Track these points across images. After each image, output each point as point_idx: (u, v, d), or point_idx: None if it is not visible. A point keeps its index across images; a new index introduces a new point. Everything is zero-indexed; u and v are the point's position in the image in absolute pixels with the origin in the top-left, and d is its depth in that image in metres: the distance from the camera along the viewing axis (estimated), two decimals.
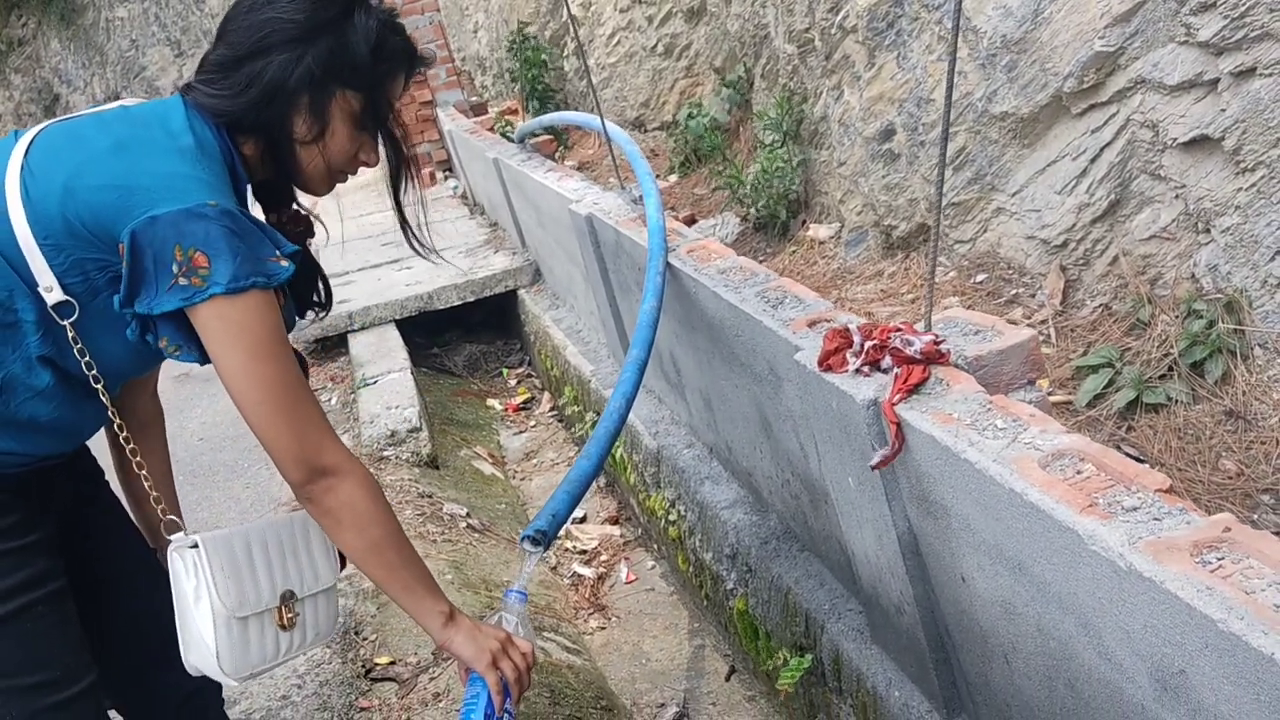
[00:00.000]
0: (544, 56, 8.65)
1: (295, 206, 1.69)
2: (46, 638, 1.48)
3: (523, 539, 1.86)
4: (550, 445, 4.66)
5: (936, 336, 1.81)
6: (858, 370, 1.83)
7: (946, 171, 3.59)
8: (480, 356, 5.79)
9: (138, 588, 1.71)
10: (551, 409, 4.96)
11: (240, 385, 1.40)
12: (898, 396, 1.72)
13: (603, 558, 3.54)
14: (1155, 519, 1.26)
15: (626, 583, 3.38)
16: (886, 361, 1.82)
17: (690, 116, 6.16)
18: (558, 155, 7.50)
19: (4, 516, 1.46)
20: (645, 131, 7.31)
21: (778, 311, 2.26)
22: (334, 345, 5.40)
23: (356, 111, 1.53)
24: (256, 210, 1.63)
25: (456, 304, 5.58)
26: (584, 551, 3.59)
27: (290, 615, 1.57)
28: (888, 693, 2.03)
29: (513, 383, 5.49)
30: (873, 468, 1.77)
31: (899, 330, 1.85)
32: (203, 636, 1.49)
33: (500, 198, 5.80)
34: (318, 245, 1.82)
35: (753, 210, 4.81)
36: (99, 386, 1.46)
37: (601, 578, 3.42)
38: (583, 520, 3.85)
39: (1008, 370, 1.84)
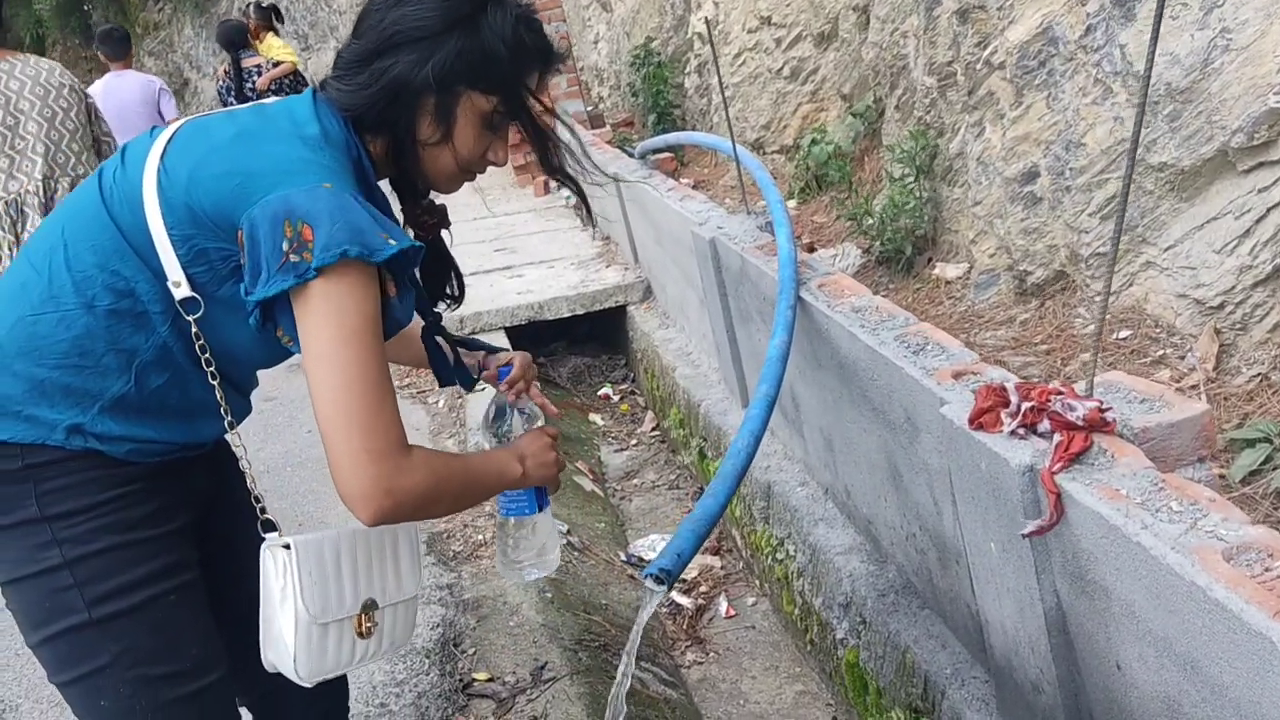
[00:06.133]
0: (667, 73, 8.65)
1: (430, 198, 1.66)
2: (178, 628, 1.47)
3: (646, 575, 1.81)
4: (651, 466, 4.61)
5: (1101, 403, 1.70)
6: (1013, 432, 1.73)
7: (1094, 220, 3.43)
8: (585, 370, 5.77)
9: None
10: (654, 429, 4.91)
11: (319, 367, 1.33)
12: (1058, 465, 1.62)
13: (702, 589, 3.46)
14: None
15: (726, 617, 3.30)
16: (1044, 425, 1.72)
17: (814, 142, 6.04)
18: (675, 173, 7.46)
19: (142, 504, 1.45)
20: (764, 154, 7.21)
21: (919, 359, 2.16)
22: None
23: (487, 112, 1.48)
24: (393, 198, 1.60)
25: (566, 315, 5.57)
26: (683, 580, 3.52)
27: (369, 624, 1.55)
28: None
29: (615, 399, 5.45)
30: (1024, 535, 1.67)
31: (1060, 393, 1.74)
32: (283, 636, 1.46)
33: (616, 212, 5.77)
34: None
35: (877, 243, 4.69)
36: (215, 383, 1.45)
37: (700, 610, 3.34)
38: None
39: (1177, 445, 1.71)
